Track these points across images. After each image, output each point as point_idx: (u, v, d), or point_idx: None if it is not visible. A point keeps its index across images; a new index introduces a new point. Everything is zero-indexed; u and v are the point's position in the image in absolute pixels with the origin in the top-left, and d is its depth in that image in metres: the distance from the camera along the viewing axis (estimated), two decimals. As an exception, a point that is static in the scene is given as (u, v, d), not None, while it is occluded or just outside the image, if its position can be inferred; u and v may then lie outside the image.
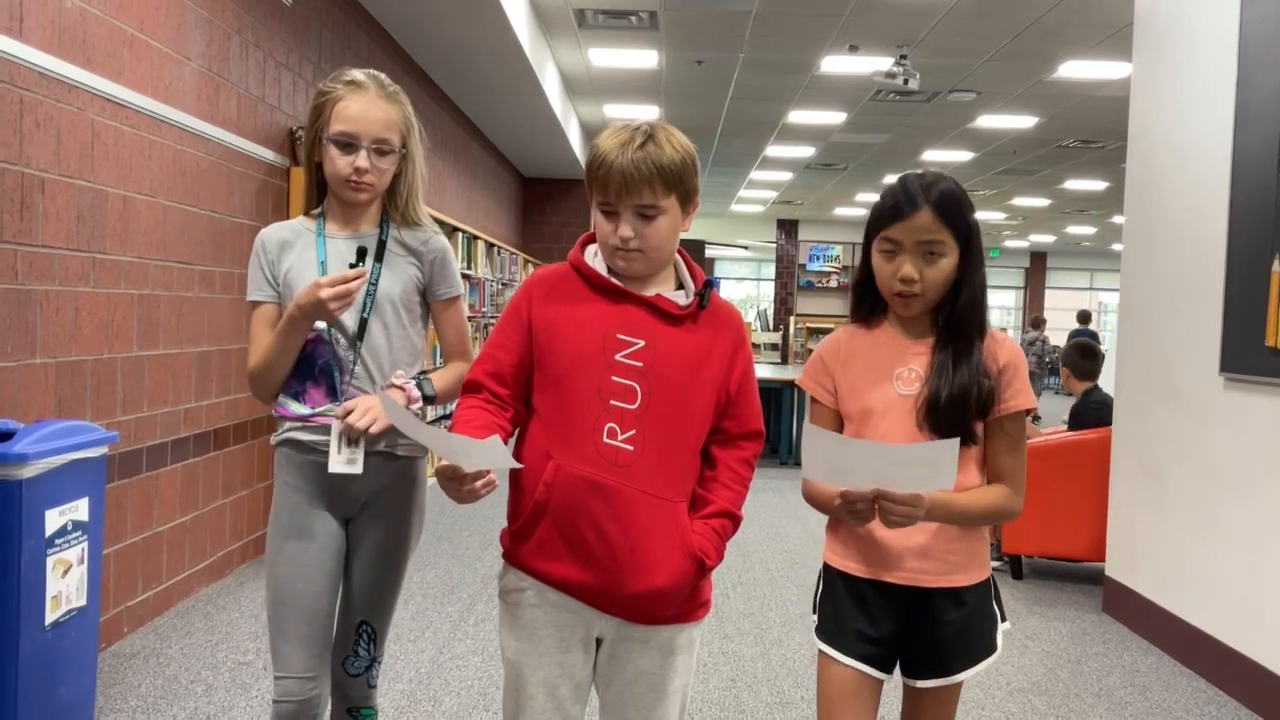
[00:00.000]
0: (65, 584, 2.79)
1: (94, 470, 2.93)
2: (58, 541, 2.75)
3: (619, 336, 1.73)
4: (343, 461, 2.03)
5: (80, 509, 2.85)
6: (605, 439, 1.70)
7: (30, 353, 3.24)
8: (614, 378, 1.71)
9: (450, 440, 1.66)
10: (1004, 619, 1.93)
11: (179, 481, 4.25)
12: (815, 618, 1.97)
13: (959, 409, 1.80)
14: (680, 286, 1.83)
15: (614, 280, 1.77)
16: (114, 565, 3.74)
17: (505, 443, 1.74)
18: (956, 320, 1.84)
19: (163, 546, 4.14)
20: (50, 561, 2.73)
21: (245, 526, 4.87)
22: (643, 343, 1.73)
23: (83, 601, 2.88)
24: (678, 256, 1.83)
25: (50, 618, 2.74)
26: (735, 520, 1.81)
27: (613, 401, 1.71)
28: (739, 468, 1.82)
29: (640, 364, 1.72)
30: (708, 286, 1.82)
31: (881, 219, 1.83)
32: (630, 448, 1.70)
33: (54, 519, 2.73)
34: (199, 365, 4.36)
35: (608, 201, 1.73)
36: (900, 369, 1.86)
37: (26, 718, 2.67)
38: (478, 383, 1.80)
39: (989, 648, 1.89)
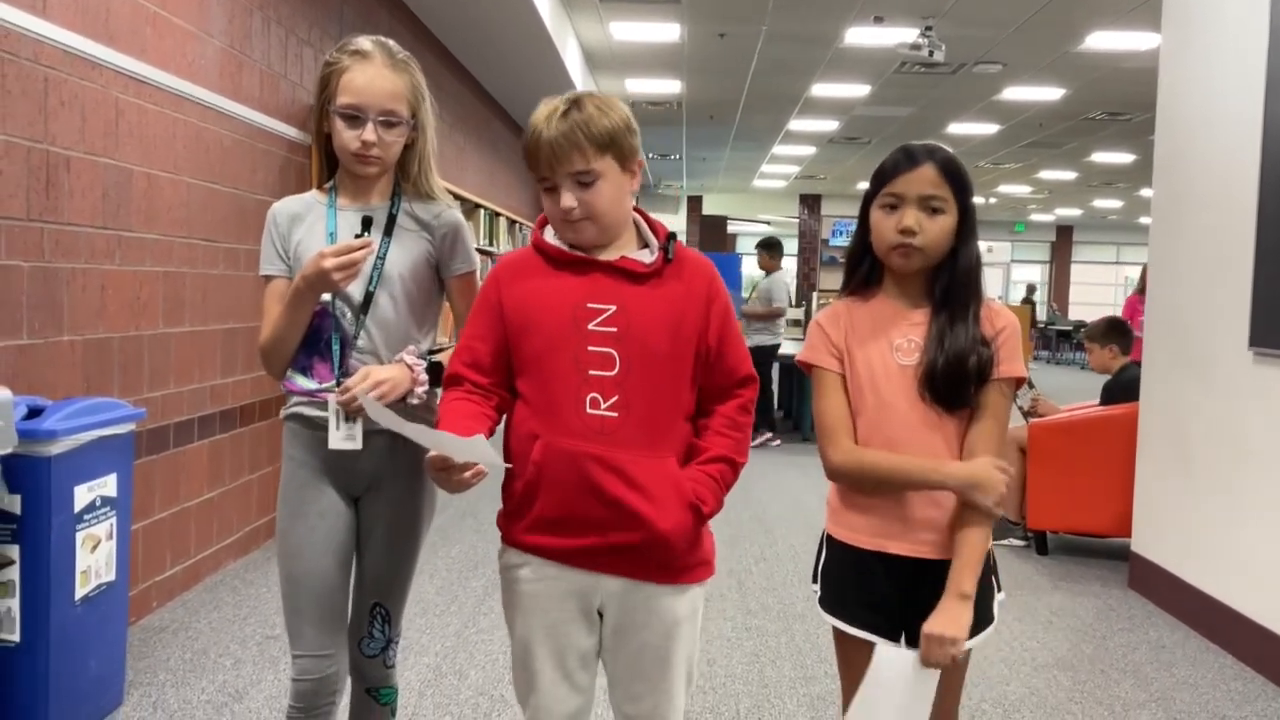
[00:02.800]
0: (94, 559, 2.83)
1: (122, 447, 2.96)
2: (87, 517, 2.78)
3: (589, 305, 1.73)
4: (341, 438, 2.00)
5: (109, 485, 2.88)
6: (589, 409, 1.71)
7: (58, 330, 3.27)
8: (590, 347, 1.72)
9: (437, 436, 1.66)
10: (999, 589, 1.93)
11: (206, 457, 4.28)
12: (817, 588, 1.97)
13: (957, 377, 1.81)
14: (645, 246, 1.82)
15: (575, 251, 1.77)
16: (142, 540, 3.78)
17: (492, 430, 1.76)
18: (953, 288, 1.85)
19: (190, 522, 4.18)
20: (80, 537, 2.76)
21: (272, 502, 4.90)
22: (614, 308, 1.73)
23: (112, 576, 2.92)
24: (637, 216, 1.83)
25: (80, 592, 2.77)
26: (734, 465, 1.80)
27: (591, 371, 1.71)
28: (735, 415, 1.81)
29: (614, 329, 1.72)
30: (670, 239, 1.81)
31: (884, 176, 1.85)
32: (614, 414, 1.71)
33: (83, 495, 2.76)
34: (225, 342, 4.39)
35: (544, 176, 1.74)
36: (899, 340, 1.86)
37: (58, 690, 2.71)
38: (458, 375, 1.81)
39: (987, 618, 1.88)
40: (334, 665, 2.07)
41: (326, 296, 2.01)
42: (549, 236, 1.81)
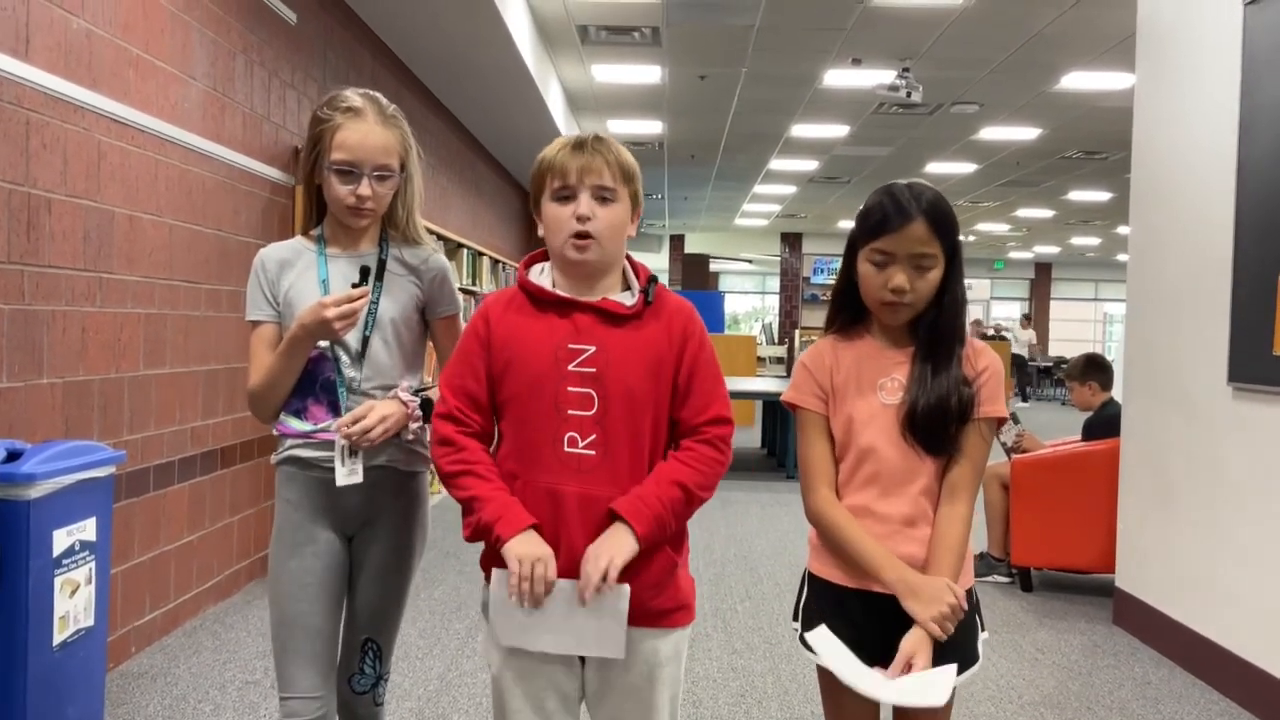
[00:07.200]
0: (73, 604, 2.79)
1: (101, 490, 2.93)
2: (65, 561, 2.75)
3: (570, 346, 1.76)
4: (346, 474, 2.05)
5: (88, 529, 2.85)
6: (566, 448, 1.73)
7: (37, 373, 3.25)
8: (569, 388, 1.74)
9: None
10: (983, 629, 1.93)
11: (186, 500, 4.24)
12: (797, 625, 1.96)
13: (938, 417, 1.82)
14: (628, 288, 1.85)
15: (559, 292, 1.80)
16: (121, 585, 3.74)
17: None
18: (937, 330, 1.86)
19: (170, 565, 4.13)
20: (58, 582, 2.72)
21: (252, 545, 4.86)
22: (593, 348, 1.75)
23: (90, 621, 2.88)
24: (624, 261, 1.87)
25: (58, 638, 2.73)
26: (685, 490, 1.74)
27: (570, 411, 1.74)
28: (701, 448, 1.78)
29: (594, 369, 1.74)
30: (651, 282, 1.84)
31: (874, 230, 1.83)
32: (591, 453, 1.73)
33: (61, 539, 2.73)
34: (206, 384, 4.37)
35: (567, 185, 1.76)
36: (883, 379, 1.87)
37: (35, 739, 2.66)
38: (453, 415, 1.80)
39: (971, 657, 1.87)
40: (323, 708, 2.07)
41: (323, 342, 2.05)
42: (534, 276, 1.83)
